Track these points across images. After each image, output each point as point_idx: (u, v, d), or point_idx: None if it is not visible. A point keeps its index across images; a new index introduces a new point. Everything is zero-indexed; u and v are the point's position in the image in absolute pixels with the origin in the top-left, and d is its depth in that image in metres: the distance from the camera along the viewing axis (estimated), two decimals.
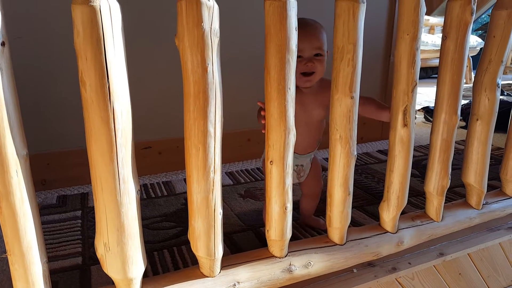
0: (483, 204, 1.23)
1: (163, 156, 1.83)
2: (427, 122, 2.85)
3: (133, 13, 1.57)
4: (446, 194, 1.12)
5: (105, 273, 0.76)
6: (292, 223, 0.92)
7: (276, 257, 0.93)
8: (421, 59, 2.24)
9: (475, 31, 6.47)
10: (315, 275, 0.97)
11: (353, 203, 1.00)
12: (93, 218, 1.42)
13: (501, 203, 1.27)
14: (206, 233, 0.81)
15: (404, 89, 0.94)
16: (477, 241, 1.18)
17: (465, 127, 2.52)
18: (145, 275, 0.81)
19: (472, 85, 1.15)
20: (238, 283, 0.87)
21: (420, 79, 0.95)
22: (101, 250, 0.74)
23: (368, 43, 0.92)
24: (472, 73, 4.89)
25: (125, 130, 0.68)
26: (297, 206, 1.34)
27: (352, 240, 1.02)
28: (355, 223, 1.32)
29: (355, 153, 0.93)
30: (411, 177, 1.04)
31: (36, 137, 1.53)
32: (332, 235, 1.01)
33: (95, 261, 1.14)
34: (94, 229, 0.74)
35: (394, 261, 1.07)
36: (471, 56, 4.72)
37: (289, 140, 0.84)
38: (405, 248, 1.09)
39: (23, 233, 0.67)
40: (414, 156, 1.30)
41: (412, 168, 1.03)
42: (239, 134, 1.95)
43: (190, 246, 0.84)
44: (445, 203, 1.15)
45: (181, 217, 1.41)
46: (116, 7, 0.62)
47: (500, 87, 1.11)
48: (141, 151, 1.76)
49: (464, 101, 2.73)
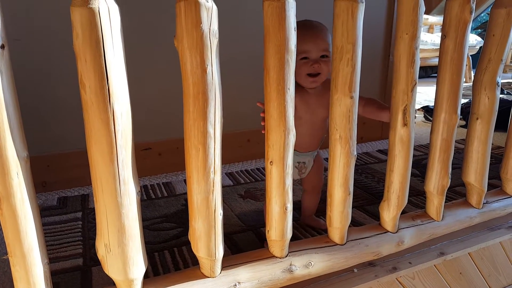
0: (484, 203, 1.23)
1: (163, 157, 1.83)
2: (427, 121, 2.85)
3: (132, 15, 1.57)
4: (446, 193, 1.12)
5: (106, 274, 0.76)
6: (292, 223, 0.92)
7: (276, 257, 0.93)
8: (421, 58, 2.24)
9: (474, 30, 6.46)
10: (316, 275, 0.97)
11: (353, 202, 1.00)
12: (94, 219, 1.42)
13: (502, 202, 1.27)
14: (206, 233, 0.81)
15: (403, 89, 0.94)
16: (477, 240, 1.17)
17: (465, 126, 2.52)
18: (146, 276, 0.81)
19: (471, 84, 1.15)
20: (238, 283, 0.87)
21: (419, 78, 0.95)
22: (102, 251, 0.74)
23: (367, 43, 0.92)
24: (471, 72, 4.89)
25: (125, 131, 0.68)
26: (297, 206, 1.34)
27: (352, 240, 1.02)
28: (355, 223, 1.32)
29: (355, 153, 0.93)
30: (411, 176, 1.04)
31: (36, 139, 1.53)
32: (332, 235, 1.01)
33: (96, 262, 1.14)
34: (94, 230, 0.74)
35: (394, 260, 1.07)
36: (471, 55, 4.71)
37: (289, 140, 0.84)
38: (405, 247, 1.09)
39: (24, 235, 0.67)
40: (414, 155, 1.30)
41: (412, 167, 1.03)
42: (238, 134, 1.95)
43: (190, 246, 0.84)
44: (445, 202, 1.15)
45: (182, 218, 1.41)
46: (115, 9, 0.62)
47: (500, 86, 1.11)
48: (141, 152, 1.76)
49: (464, 100, 2.73)
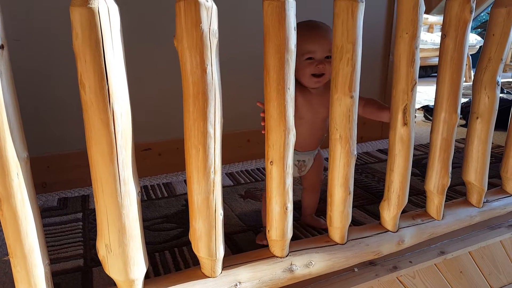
0: (484, 202, 1.23)
1: (163, 157, 1.83)
2: (427, 121, 2.84)
3: (131, 14, 1.57)
4: (446, 192, 1.12)
5: (107, 274, 0.76)
6: (293, 223, 0.92)
7: (277, 257, 0.93)
8: (421, 57, 2.24)
9: (474, 29, 6.46)
10: (316, 274, 0.97)
11: (353, 202, 1.00)
12: (94, 220, 1.42)
13: (502, 201, 1.27)
14: (207, 233, 0.81)
15: (403, 88, 0.94)
16: (478, 239, 1.17)
17: (465, 126, 2.52)
18: (147, 276, 0.81)
19: (471, 83, 1.15)
20: (239, 283, 0.87)
21: (419, 77, 0.95)
22: (102, 251, 0.74)
23: (367, 42, 0.92)
24: (471, 71, 4.88)
25: (125, 131, 0.68)
26: (297, 206, 1.34)
27: (353, 239, 1.02)
28: (355, 223, 1.32)
29: (355, 153, 0.93)
30: (411, 176, 1.04)
31: (36, 140, 1.53)
32: (333, 234, 1.01)
33: (97, 263, 1.14)
34: (95, 231, 0.74)
35: (395, 260, 1.07)
36: (471, 54, 4.71)
37: (289, 140, 0.84)
38: (406, 246, 1.09)
39: (25, 236, 0.67)
40: (414, 155, 1.31)
41: (412, 167, 1.03)
42: (238, 135, 1.95)
43: (191, 247, 0.84)
44: (445, 201, 1.15)
45: (182, 218, 1.41)
46: (114, 9, 0.62)
47: (500, 85, 1.11)
48: (141, 152, 1.76)
49: (464, 100, 2.73)
